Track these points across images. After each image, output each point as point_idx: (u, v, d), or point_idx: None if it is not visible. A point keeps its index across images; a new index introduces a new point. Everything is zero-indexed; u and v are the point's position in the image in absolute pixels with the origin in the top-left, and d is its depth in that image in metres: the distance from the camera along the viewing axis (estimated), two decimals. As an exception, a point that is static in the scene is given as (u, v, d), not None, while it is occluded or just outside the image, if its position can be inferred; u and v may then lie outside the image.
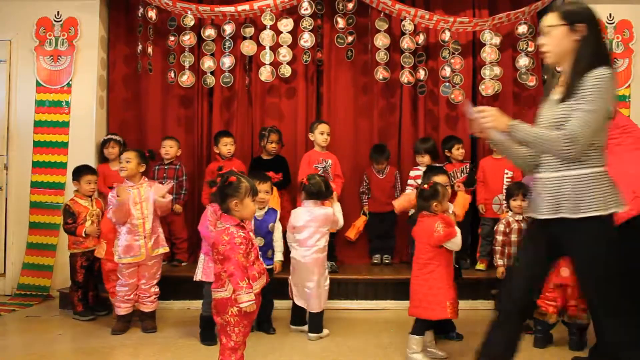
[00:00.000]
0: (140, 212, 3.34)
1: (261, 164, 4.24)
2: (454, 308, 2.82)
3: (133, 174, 3.38)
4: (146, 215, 3.36)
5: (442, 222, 2.82)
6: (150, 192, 3.39)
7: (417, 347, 2.83)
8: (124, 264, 3.33)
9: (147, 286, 3.39)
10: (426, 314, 2.82)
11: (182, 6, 4.37)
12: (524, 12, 4.38)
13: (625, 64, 4.42)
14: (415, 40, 4.49)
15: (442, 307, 2.78)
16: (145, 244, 3.33)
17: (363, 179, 4.55)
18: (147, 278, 3.39)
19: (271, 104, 4.74)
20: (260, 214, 3.32)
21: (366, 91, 4.74)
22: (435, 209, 2.88)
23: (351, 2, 4.43)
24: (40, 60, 4.46)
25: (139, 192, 3.36)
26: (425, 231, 2.87)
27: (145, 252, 3.33)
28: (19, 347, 3.23)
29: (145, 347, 3.12)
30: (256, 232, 3.19)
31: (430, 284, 2.82)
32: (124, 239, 3.32)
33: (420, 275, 2.87)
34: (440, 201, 2.88)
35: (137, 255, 3.32)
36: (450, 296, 2.82)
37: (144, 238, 3.33)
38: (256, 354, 2.95)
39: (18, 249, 4.37)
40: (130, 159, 3.36)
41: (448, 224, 2.82)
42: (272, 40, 4.44)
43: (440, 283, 2.81)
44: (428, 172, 3.32)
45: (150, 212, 3.37)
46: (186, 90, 4.68)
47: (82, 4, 4.49)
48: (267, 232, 3.34)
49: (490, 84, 4.47)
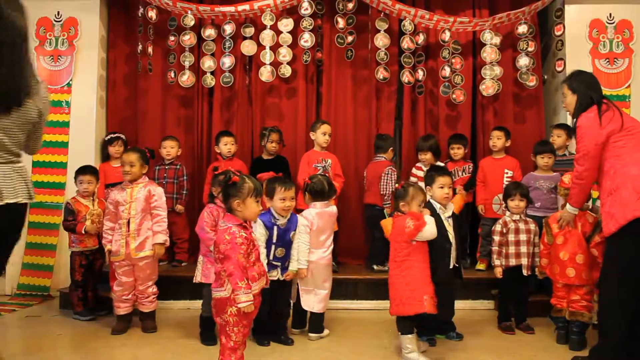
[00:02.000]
0: (127, 213, 3.31)
1: (262, 164, 4.23)
2: (432, 302, 2.83)
3: (137, 177, 3.37)
4: (132, 215, 3.32)
5: (411, 217, 2.87)
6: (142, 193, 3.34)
7: (412, 345, 2.84)
8: (116, 263, 3.34)
9: (143, 287, 3.38)
10: (404, 310, 2.84)
11: (182, 6, 4.37)
12: (524, 12, 4.38)
13: (625, 63, 4.42)
14: (415, 40, 4.49)
15: (419, 302, 2.81)
16: (126, 244, 3.29)
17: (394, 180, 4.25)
18: (142, 279, 3.37)
19: (271, 104, 4.74)
20: (283, 222, 3.13)
21: (366, 91, 4.74)
22: (402, 209, 2.93)
23: (351, 2, 4.44)
24: (41, 60, 4.46)
25: (131, 193, 3.34)
26: (397, 230, 2.92)
27: (125, 252, 3.29)
28: (19, 347, 3.22)
29: (145, 347, 3.11)
30: (278, 241, 3.10)
31: (407, 280, 2.85)
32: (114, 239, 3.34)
33: (398, 273, 2.90)
34: (408, 202, 2.91)
35: (117, 255, 3.31)
36: (428, 291, 2.84)
37: (125, 238, 3.30)
38: (256, 354, 2.95)
39: (18, 249, 4.34)
40: (133, 163, 3.34)
41: (417, 218, 2.86)
42: (272, 40, 4.45)
43: (417, 278, 2.84)
44: (431, 171, 3.31)
45: (138, 213, 3.32)
46: (186, 90, 4.68)
47: (82, 4, 4.49)
48: (289, 242, 3.15)
49: (490, 83, 4.47)
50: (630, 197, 2.58)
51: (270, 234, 3.07)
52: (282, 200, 3.06)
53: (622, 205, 2.60)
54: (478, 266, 4.20)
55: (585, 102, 2.86)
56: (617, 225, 2.60)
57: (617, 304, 2.65)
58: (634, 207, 2.55)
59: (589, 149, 2.74)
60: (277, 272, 3.11)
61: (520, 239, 3.34)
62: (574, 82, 2.97)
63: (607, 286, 2.71)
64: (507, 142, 4.29)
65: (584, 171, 2.80)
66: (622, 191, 2.62)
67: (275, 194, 3.08)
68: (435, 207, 3.11)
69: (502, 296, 3.54)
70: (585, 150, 2.76)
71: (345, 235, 4.40)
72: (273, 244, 3.09)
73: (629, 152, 2.68)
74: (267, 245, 3.08)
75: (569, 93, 2.98)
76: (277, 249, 3.09)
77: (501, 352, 3.02)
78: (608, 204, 2.68)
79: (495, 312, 3.64)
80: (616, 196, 2.64)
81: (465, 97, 4.52)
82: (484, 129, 4.66)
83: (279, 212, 3.08)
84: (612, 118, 2.73)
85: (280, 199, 3.07)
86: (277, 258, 3.10)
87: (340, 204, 4.33)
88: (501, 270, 3.36)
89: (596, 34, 4.44)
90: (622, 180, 2.64)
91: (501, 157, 4.30)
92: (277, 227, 3.08)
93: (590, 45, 4.44)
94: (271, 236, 3.08)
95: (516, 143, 4.45)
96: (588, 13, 4.46)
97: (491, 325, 3.49)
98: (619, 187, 2.63)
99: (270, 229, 3.08)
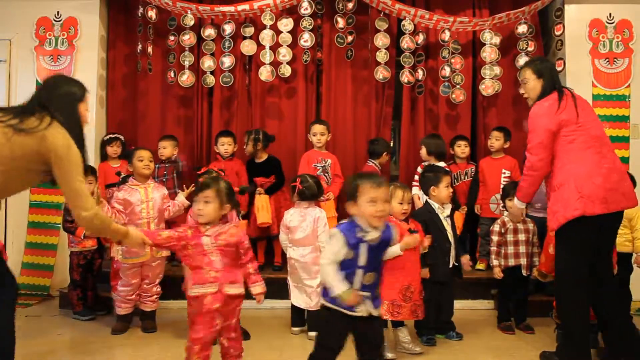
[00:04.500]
0: (146, 213, 3.35)
1: (253, 167, 4.23)
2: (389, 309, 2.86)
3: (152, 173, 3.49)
4: (152, 215, 3.37)
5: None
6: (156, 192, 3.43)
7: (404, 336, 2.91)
8: (128, 265, 3.33)
9: (149, 285, 3.40)
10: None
11: (182, 6, 4.37)
12: (524, 11, 4.38)
13: (625, 63, 4.42)
14: (415, 40, 4.49)
15: None
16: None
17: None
18: (151, 278, 3.41)
19: (271, 103, 4.74)
20: (375, 236, 2.12)
21: (366, 91, 4.74)
22: None
23: (351, 2, 4.43)
24: (40, 60, 4.46)
25: (146, 192, 3.37)
26: None
27: (150, 251, 3.29)
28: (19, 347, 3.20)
29: (145, 347, 3.12)
30: (368, 265, 2.13)
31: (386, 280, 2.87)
32: None
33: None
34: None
35: (139, 256, 3.31)
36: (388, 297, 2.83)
37: None
38: (256, 354, 2.95)
39: (18, 248, 4.36)
40: (152, 159, 3.45)
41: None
42: (272, 40, 4.44)
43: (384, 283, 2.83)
44: (436, 171, 3.30)
45: (155, 212, 3.38)
46: (186, 90, 4.68)
47: (82, 4, 4.49)
48: (381, 264, 2.24)
49: (490, 83, 4.47)
50: (571, 196, 2.59)
51: (356, 253, 2.11)
52: (373, 202, 2.09)
53: (564, 203, 2.61)
54: (478, 266, 4.20)
55: (550, 88, 2.78)
56: (558, 223, 2.63)
57: (571, 298, 2.67)
58: (575, 207, 2.56)
59: (542, 137, 2.67)
60: (366, 306, 2.12)
61: (519, 239, 3.35)
62: (540, 66, 2.85)
63: (560, 282, 2.73)
64: (505, 144, 4.27)
65: (537, 161, 2.71)
66: (565, 189, 2.62)
67: (360, 194, 2.12)
68: (434, 207, 3.12)
69: (501, 296, 3.54)
70: (539, 139, 2.68)
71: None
72: (359, 267, 2.12)
73: (577, 148, 2.66)
74: (349, 267, 2.11)
75: (532, 77, 2.83)
76: (365, 274, 2.13)
77: (501, 352, 3.03)
78: (552, 200, 2.69)
79: (495, 312, 3.64)
80: (559, 193, 2.64)
81: (465, 97, 4.52)
82: (485, 129, 4.66)
83: (370, 220, 2.10)
84: (566, 108, 2.68)
85: (369, 201, 2.09)
86: (365, 286, 2.13)
87: (340, 204, 4.34)
88: (500, 271, 3.36)
89: (596, 34, 4.44)
90: (565, 177, 2.63)
91: (500, 157, 4.29)
92: (367, 243, 2.12)
93: (590, 45, 4.44)
94: (357, 256, 2.11)
95: (516, 143, 4.44)
96: (588, 13, 4.46)
97: (491, 325, 3.50)
98: (563, 184, 2.63)
99: (356, 247, 2.11)
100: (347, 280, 2.08)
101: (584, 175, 2.61)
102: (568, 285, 2.67)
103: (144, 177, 3.41)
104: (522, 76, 2.91)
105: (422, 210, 3.26)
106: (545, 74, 2.80)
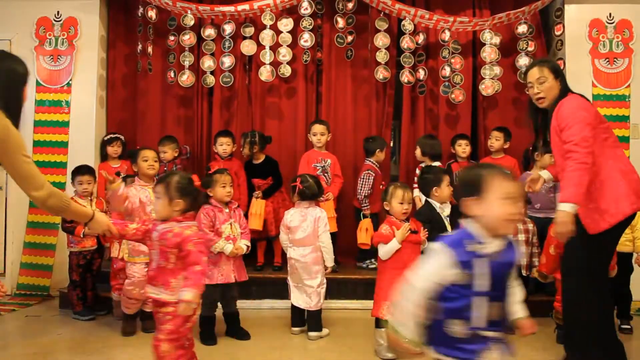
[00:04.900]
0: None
1: (250, 168, 4.23)
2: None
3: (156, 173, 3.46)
4: None
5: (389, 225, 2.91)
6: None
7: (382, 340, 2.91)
8: (136, 263, 3.31)
9: None
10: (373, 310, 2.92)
11: (182, 6, 4.37)
12: (524, 11, 4.38)
13: (625, 63, 4.41)
14: (415, 40, 4.49)
15: (377, 306, 2.87)
16: None
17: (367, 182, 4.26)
18: None
19: (271, 103, 4.74)
20: (495, 248, 1.51)
21: (366, 91, 4.74)
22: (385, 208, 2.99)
23: (351, 2, 4.44)
24: (40, 60, 4.46)
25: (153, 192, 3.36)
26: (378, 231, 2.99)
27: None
28: (19, 347, 3.22)
29: (145, 347, 3.09)
30: (494, 290, 1.51)
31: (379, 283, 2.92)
32: None
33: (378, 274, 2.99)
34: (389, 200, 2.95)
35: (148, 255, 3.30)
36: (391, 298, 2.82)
37: None
38: (256, 354, 2.95)
39: (18, 248, 4.36)
40: (157, 159, 3.43)
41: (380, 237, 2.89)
42: (272, 40, 4.44)
43: (384, 284, 2.83)
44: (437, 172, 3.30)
45: None
46: (186, 90, 4.68)
47: (82, 4, 4.49)
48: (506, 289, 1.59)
49: (490, 83, 4.47)
50: (622, 192, 2.45)
51: (471, 275, 1.49)
52: (508, 200, 1.50)
53: (615, 200, 2.44)
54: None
55: (566, 89, 2.65)
56: (617, 220, 2.44)
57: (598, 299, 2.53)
58: (632, 200, 2.45)
59: (586, 130, 2.42)
60: (495, 355, 1.52)
61: (519, 239, 3.34)
62: (556, 66, 2.68)
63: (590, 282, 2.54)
64: (505, 144, 4.27)
65: (588, 154, 2.38)
66: (612, 185, 2.45)
67: (488, 188, 1.51)
68: (435, 206, 3.12)
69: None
70: (584, 132, 2.41)
71: (345, 235, 4.39)
72: (479, 294, 1.50)
73: (612, 145, 2.56)
74: (461, 297, 1.50)
75: (551, 77, 2.62)
76: (491, 304, 1.51)
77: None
78: (595, 199, 2.47)
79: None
80: (605, 191, 2.46)
81: (465, 97, 4.52)
82: (485, 129, 4.66)
83: (498, 225, 1.51)
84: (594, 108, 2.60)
85: (503, 198, 1.50)
86: (492, 323, 1.52)
87: (340, 204, 4.34)
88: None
89: (596, 34, 4.44)
90: (609, 172, 2.48)
91: (499, 157, 4.29)
92: (487, 259, 1.50)
93: (590, 45, 4.44)
94: (473, 279, 1.49)
95: (516, 143, 4.44)
96: (588, 13, 4.46)
97: (491, 325, 3.49)
98: (605, 180, 2.47)
99: (469, 266, 1.49)
100: (460, 317, 1.48)
101: (628, 171, 2.52)
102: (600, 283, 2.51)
103: (148, 177, 3.39)
104: (539, 74, 2.63)
105: (424, 210, 3.26)
106: (561, 74, 2.68)
